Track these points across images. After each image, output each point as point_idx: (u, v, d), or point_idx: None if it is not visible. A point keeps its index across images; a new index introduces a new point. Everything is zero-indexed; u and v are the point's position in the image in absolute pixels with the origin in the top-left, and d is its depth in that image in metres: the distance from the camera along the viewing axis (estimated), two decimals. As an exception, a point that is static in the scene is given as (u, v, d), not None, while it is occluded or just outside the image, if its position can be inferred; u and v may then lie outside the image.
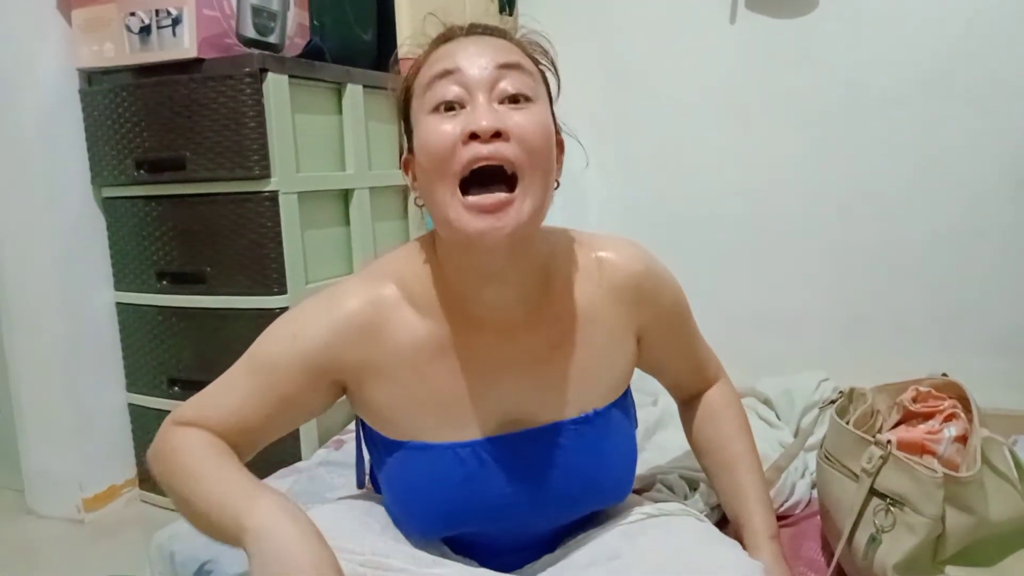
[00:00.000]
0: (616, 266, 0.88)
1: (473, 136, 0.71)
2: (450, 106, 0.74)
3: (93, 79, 1.73)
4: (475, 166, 0.72)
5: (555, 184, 0.80)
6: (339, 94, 1.78)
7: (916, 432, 1.00)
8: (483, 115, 0.72)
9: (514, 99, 0.75)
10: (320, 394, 0.84)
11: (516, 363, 0.84)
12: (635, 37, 2.10)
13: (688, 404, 1.04)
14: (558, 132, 0.83)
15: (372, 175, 1.85)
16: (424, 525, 0.85)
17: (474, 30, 0.81)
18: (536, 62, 0.82)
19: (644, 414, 1.40)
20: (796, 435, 1.35)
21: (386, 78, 0.92)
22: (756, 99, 1.98)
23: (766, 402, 1.47)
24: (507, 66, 0.75)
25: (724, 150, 2.04)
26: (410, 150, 0.81)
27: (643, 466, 1.22)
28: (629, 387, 0.94)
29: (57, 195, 1.73)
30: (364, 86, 1.80)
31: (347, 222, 1.82)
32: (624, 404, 0.92)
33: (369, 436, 0.90)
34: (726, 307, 1.95)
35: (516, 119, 0.73)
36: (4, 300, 1.78)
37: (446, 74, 0.75)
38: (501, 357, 0.83)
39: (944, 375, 1.10)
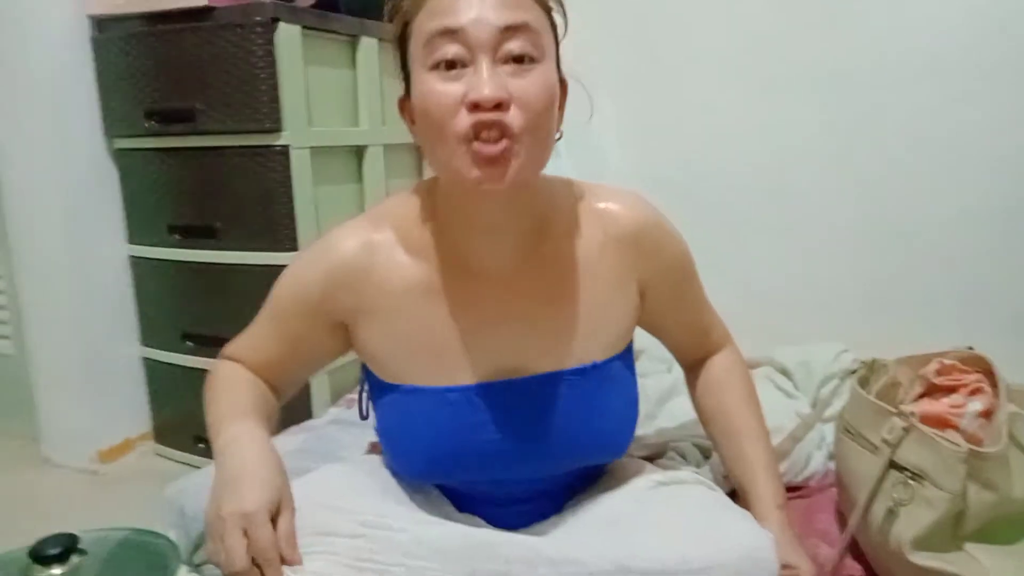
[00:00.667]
0: (618, 216, 0.86)
1: (476, 105, 0.69)
2: (451, 64, 0.71)
3: (103, 26, 1.69)
4: (477, 133, 0.70)
5: (557, 134, 0.78)
6: (353, 47, 1.73)
7: (939, 405, 0.97)
8: (485, 83, 0.69)
9: (519, 59, 0.72)
10: (327, 335, 0.87)
11: (512, 311, 0.83)
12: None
13: (693, 370, 1.02)
14: (562, 79, 0.79)
15: (386, 131, 1.82)
16: (414, 468, 0.86)
17: None
18: (543, 4, 0.77)
19: (657, 381, 1.38)
20: (813, 406, 1.32)
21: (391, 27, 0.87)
22: (782, 65, 1.90)
23: (783, 371, 1.44)
24: (513, 28, 0.71)
25: (746, 116, 1.97)
26: (406, 94, 0.80)
27: (655, 433, 1.20)
28: (632, 343, 0.91)
29: (68, 145, 1.71)
30: (379, 39, 1.75)
31: (360, 179, 1.79)
32: (627, 359, 0.90)
33: (368, 378, 0.91)
34: (744, 278, 1.91)
35: (520, 84, 0.71)
36: (17, 251, 1.78)
37: (447, 32, 0.71)
38: (496, 304, 0.83)
39: (970, 348, 1.06)
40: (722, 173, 2.01)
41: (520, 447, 0.83)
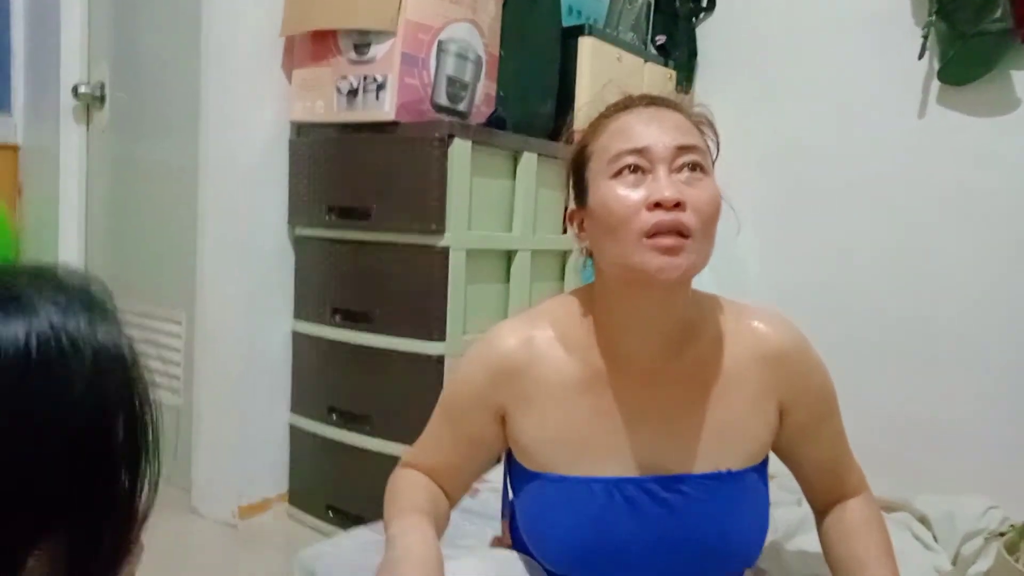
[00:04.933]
0: (766, 335, 0.91)
1: (657, 204, 0.80)
2: (634, 169, 0.83)
3: (302, 131, 1.94)
4: (658, 230, 0.80)
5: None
6: (515, 160, 1.89)
7: (1096, 583, 0.92)
8: (666, 186, 0.81)
9: (692, 169, 0.84)
10: (495, 427, 0.94)
11: (656, 410, 0.89)
12: (810, 117, 2.09)
13: (824, 514, 1.00)
14: None
15: (536, 238, 1.94)
16: (549, 554, 0.91)
17: (653, 101, 0.90)
18: (704, 135, 0.89)
19: (785, 512, 1.36)
20: (954, 562, 1.26)
21: (560, 148, 1.01)
22: (933, 196, 1.90)
23: (923, 520, 1.38)
24: (685, 147, 0.84)
25: (893, 244, 1.96)
26: (578, 204, 0.91)
27: (782, 571, 1.18)
28: (767, 458, 0.94)
29: (257, 229, 1.94)
30: (539, 155, 1.90)
31: (507, 279, 1.91)
32: (762, 472, 0.93)
33: (513, 468, 0.98)
34: (884, 412, 1.86)
35: (693, 192, 0.82)
36: (200, 312, 2.00)
37: (633, 152, 0.83)
38: (642, 402, 0.89)
39: None
40: (863, 299, 1.99)
41: (652, 543, 0.87)
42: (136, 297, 2.24)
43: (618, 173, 0.83)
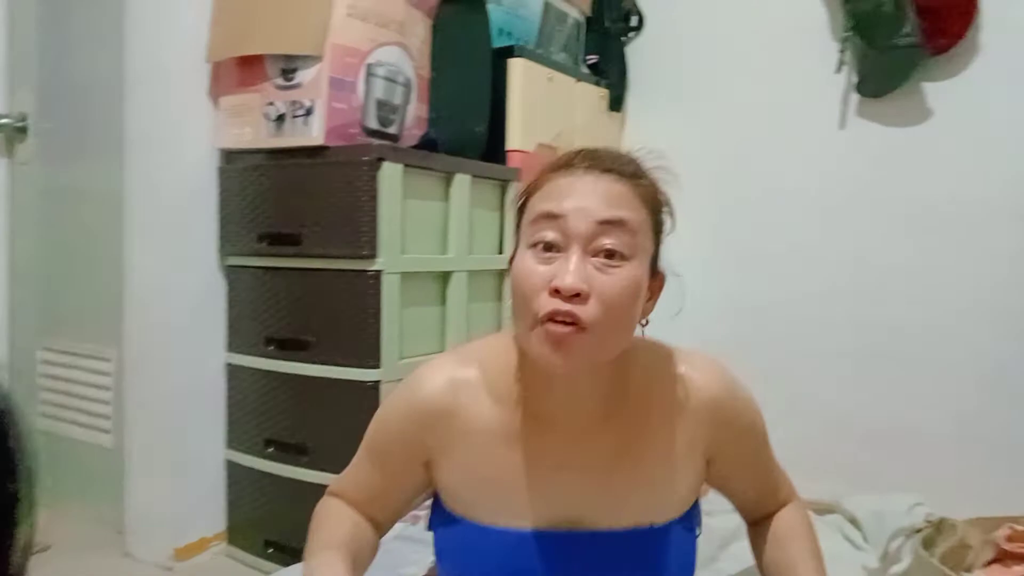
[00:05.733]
0: (696, 385, 0.89)
1: (556, 291, 0.76)
2: (548, 247, 0.79)
3: (231, 158, 1.91)
4: (551, 317, 0.77)
5: (643, 322, 0.85)
6: (448, 182, 1.88)
7: (1010, 574, 0.94)
8: (570, 273, 0.76)
9: (609, 255, 0.78)
10: (419, 467, 0.92)
11: (581, 464, 0.86)
12: (737, 130, 2.14)
13: (756, 525, 1.02)
14: (659, 274, 0.86)
15: (471, 259, 1.94)
16: None
17: (594, 165, 0.83)
18: (650, 204, 0.84)
19: (722, 522, 1.37)
20: (883, 560, 1.29)
21: (493, 169, 0.99)
22: (859, 203, 1.97)
23: (853, 521, 1.41)
24: (611, 222, 0.78)
25: (823, 251, 2.02)
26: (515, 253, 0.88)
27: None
28: (697, 503, 0.94)
29: (187, 260, 1.90)
30: (472, 175, 1.90)
31: (444, 302, 1.90)
32: (687, 521, 0.92)
33: (436, 505, 0.96)
34: (822, 414, 1.90)
35: (603, 280, 0.77)
36: (128, 351, 1.94)
37: (551, 217, 0.79)
38: (566, 456, 0.86)
39: (1048, 515, 1.04)
40: (801, 307, 2.04)
41: None
42: (65, 335, 2.17)
43: (535, 244, 0.80)
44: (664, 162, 0.88)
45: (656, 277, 0.86)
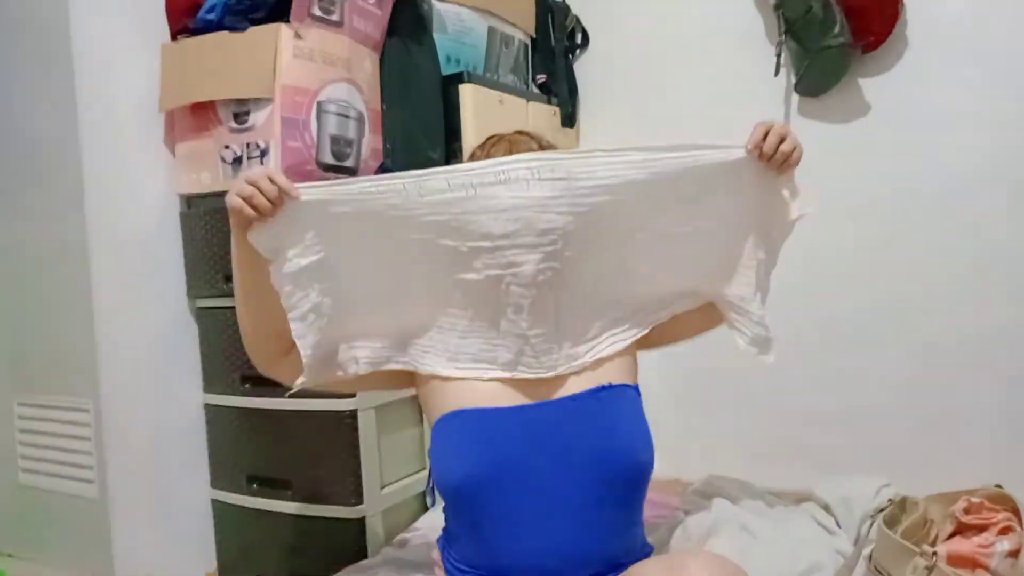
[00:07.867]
0: None
1: None
2: None
3: (192, 203, 1.93)
4: None
5: None
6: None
7: (968, 544, 1.00)
8: None
9: None
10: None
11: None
12: (689, 134, 2.18)
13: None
14: None
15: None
16: (458, 481, 1.05)
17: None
18: None
19: (698, 520, 1.42)
20: (856, 543, 1.34)
21: None
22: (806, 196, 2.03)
23: (825, 508, 1.46)
24: None
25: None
26: None
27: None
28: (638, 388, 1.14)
29: (156, 305, 1.91)
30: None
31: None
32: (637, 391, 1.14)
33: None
34: (789, 403, 1.95)
35: None
36: (105, 400, 1.94)
37: None
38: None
39: (998, 486, 1.09)
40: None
41: (545, 455, 1.02)
42: (39, 391, 2.15)
43: None
44: None
45: None
